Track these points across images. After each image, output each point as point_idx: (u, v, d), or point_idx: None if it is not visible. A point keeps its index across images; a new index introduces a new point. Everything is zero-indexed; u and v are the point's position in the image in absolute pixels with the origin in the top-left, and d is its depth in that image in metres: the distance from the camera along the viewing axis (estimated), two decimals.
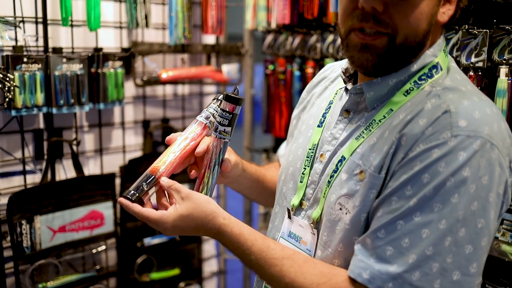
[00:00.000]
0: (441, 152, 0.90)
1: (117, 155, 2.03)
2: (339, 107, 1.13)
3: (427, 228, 0.89)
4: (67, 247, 1.81)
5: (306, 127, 1.21)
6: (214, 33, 2.08)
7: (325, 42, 1.92)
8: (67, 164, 1.86)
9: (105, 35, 1.92)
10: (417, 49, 1.00)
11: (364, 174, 0.99)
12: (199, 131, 1.13)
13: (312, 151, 1.14)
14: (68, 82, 1.74)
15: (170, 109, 2.19)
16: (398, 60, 1.00)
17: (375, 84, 1.03)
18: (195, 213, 1.04)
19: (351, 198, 1.00)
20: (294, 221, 1.15)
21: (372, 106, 1.04)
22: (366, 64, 1.00)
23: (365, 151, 1.01)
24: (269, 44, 2.18)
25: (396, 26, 0.95)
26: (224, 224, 1.04)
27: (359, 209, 0.99)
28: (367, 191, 0.98)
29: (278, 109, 2.14)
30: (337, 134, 1.10)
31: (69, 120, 1.86)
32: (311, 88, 1.32)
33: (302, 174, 1.14)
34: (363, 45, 0.98)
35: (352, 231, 1.00)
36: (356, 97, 1.08)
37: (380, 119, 1.02)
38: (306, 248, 1.11)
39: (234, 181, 1.28)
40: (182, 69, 2.08)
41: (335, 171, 1.05)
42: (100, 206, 1.88)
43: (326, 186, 1.06)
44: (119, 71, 1.87)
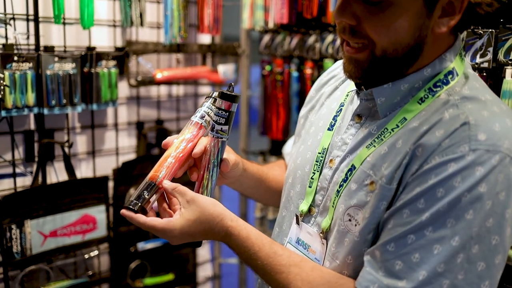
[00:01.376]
0: (458, 167, 0.87)
1: (110, 158, 1.98)
2: (350, 111, 1.09)
3: (439, 244, 0.86)
4: (59, 252, 1.76)
5: (315, 129, 1.17)
6: (210, 32, 2.03)
7: (324, 42, 1.88)
8: (58, 167, 1.80)
9: (98, 34, 1.86)
10: (406, 60, 0.96)
11: (375, 185, 0.95)
12: (195, 131, 1.10)
13: (322, 156, 1.10)
14: (60, 82, 1.68)
15: (164, 110, 2.14)
16: (386, 71, 0.97)
17: (386, 90, 0.99)
18: (202, 216, 1.00)
19: (361, 209, 0.97)
20: (303, 227, 1.11)
21: (384, 114, 1.00)
22: (352, 75, 0.99)
23: (376, 161, 0.97)
24: (266, 44, 2.14)
25: (371, 39, 0.93)
26: (232, 226, 1.01)
27: (369, 221, 0.95)
28: (377, 202, 0.94)
29: (275, 111, 2.10)
30: (348, 140, 1.06)
31: (61, 121, 1.80)
32: (319, 86, 1.27)
33: (311, 179, 1.11)
34: (350, 57, 0.98)
35: (361, 243, 0.97)
36: (367, 103, 1.04)
37: (392, 128, 0.98)
38: (315, 257, 1.08)
39: (235, 181, 1.24)
40: (177, 69, 2.04)
41: (345, 180, 1.02)
42: (92, 210, 1.83)
43: (335, 196, 1.03)
44: (112, 71, 1.82)
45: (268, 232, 2.23)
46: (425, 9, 0.91)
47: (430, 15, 0.92)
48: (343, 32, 0.96)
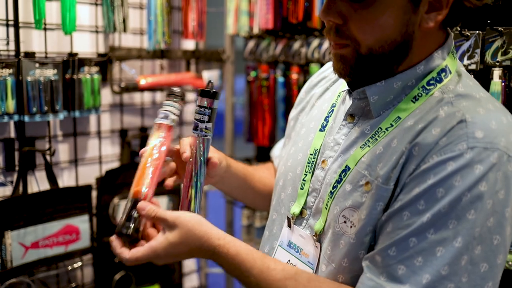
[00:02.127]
0: (457, 165, 0.85)
1: (93, 166, 1.93)
2: (342, 111, 1.07)
3: (442, 246, 0.84)
4: (40, 264, 1.70)
5: (306, 131, 1.15)
6: (194, 38, 2.01)
7: (310, 47, 1.87)
8: (40, 176, 1.75)
9: (80, 40, 1.82)
10: (395, 57, 0.95)
11: (371, 185, 0.93)
12: (165, 133, 1.06)
13: (314, 157, 1.08)
14: (41, 88, 1.64)
15: (148, 117, 2.11)
16: (375, 69, 0.96)
17: (379, 88, 0.98)
18: (187, 238, 0.97)
19: (356, 210, 0.94)
20: (295, 230, 1.09)
21: (377, 113, 0.99)
22: (341, 72, 0.98)
23: (371, 161, 0.95)
24: (251, 50, 2.12)
25: (355, 38, 0.92)
26: (219, 245, 0.97)
27: (365, 223, 0.93)
28: (373, 203, 0.92)
29: (261, 117, 2.08)
30: (340, 140, 1.04)
31: (42, 129, 1.76)
32: (310, 88, 1.26)
33: (302, 180, 1.08)
34: (336, 54, 0.97)
35: (357, 245, 0.94)
36: (360, 102, 1.02)
37: (387, 127, 0.96)
38: (308, 260, 1.05)
39: (219, 180, 1.21)
40: (161, 76, 2.00)
41: (338, 181, 1.00)
42: (75, 220, 1.78)
43: (328, 197, 1.00)
44: (95, 77, 1.78)
45: (255, 241, 2.21)
46: (411, 4, 0.90)
47: (416, 10, 0.91)
48: (328, 32, 0.96)
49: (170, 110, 1.08)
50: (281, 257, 1.11)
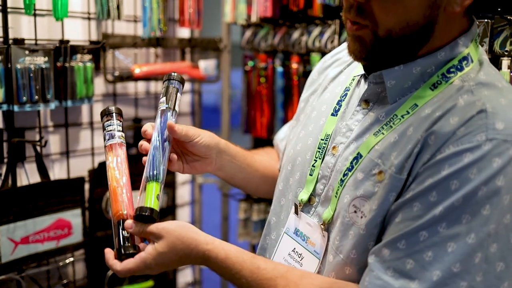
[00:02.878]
0: (474, 157, 0.80)
1: (85, 158, 1.87)
2: (357, 96, 1.03)
3: (454, 242, 0.80)
4: (31, 260, 1.64)
5: (317, 114, 1.10)
6: (191, 26, 1.94)
7: (311, 35, 1.81)
8: (30, 168, 1.68)
9: (71, 26, 1.75)
10: (416, 41, 0.91)
11: (384, 174, 0.89)
12: (117, 151, 1.08)
13: (325, 142, 1.03)
14: (31, 76, 1.56)
15: (142, 108, 2.04)
16: (394, 52, 0.92)
17: (397, 72, 0.93)
18: (175, 247, 0.97)
19: (368, 200, 0.90)
20: (302, 218, 1.05)
21: (393, 99, 0.94)
22: (356, 54, 0.94)
23: (385, 149, 0.90)
24: (248, 39, 2.06)
25: (375, 18, 0.88)
26: (208, 249, 0.97)
27: (376, 213, 0.88)
28: (386, 193, 0.88)
29: (259, 108, 2.02)
30: (353, 126, 1.00)
31: (32, 119, 1.68)
32: (323, 69, 1.21)
33: (312, 166, 1.04)
34: (353, 35, 0.93)
35: (367, 236, 0.90)
36: (376, 87, 0.98)
37: (402, 114, 0.92)
38: (314, 249, 1.01)
39: (218, 166, 1.17)
40: (157, 65, 1.94)
41: (350, 169, 0.95)
42: (67, 214, 1.71)
43: (339, 185, 0.96)
44: (88, 65, 1.71)
45: (253, 234, 2.16)
46: None
47: None
48: (349, 11, 0.91)
49: (112, 129, 1.10)
50: (287, 245, 1.07)
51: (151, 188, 1.01)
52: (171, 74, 1.14)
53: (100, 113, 1.15)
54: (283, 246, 1.07)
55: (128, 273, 0.97)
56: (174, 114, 1.10)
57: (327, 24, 1.75)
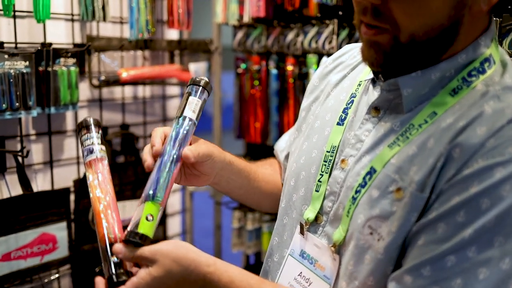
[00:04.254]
0: (506, 172, 0.73)
1: (70, 168, 1.76)
2: (365, 103, 0.94)
3: (486, 268, 0.72)
4: (13, 278, 1.53)
5: (321, 124, 1.02)
6: (180, 27, 1.85)
7: (307, 36, 1.73)
8: (11, 180, 1.58)
9: (54, 28, 1.65)
10: (439, 45, 0.82)
11: (403, 192, 0.80)
12: (99, 168, 0.98)
13: (331, 155, 0.95)
14: (11, 82, 1.46)
15: (129, 113, 1.94)
16: (414, 58, 0.83)
17: (414, 79, 0.85)
18: (171, 270, 0.86)
19: (385, 221, 0.82)
20: (309, 238, 0.96)
21: (409, 108, 0.86)
22: (372, 61, 0.85)
23: (403, 164, 0.82)
24: (240, 40, 1.98)
25: (396, 21, 0.79)
26: (210, 272, 0.87)
27: (396, 236, 0.80)
28: (407, 214, 0.79)
29: (253, 112, 1.94)
30: (363, 136, 0.91)
31: (13, 127, 1.58)
32: (324, 74, 1.12)
33: (318, 181, 0.95)
34: (369, 41, 0.84)
35: (386, 262, 0.81)
36: (388, 94, 0.89)
37: (420, 123, 0.83)
38: (324, 274, 0.92)
39: (219, 179, 1.08)
40: (145, 68, 1.84)
41: (362, 185, 0.86)
42: (52, 227, 1.61)
43: (351, 203, 0.87)
44: (72, 70, 1.61)
45: (247, 244, 2.08)
46: None
47: None
48: (364, 14, 0.82)
49: (91, 143, 1.00)
50: (292, 268, 0.98)
51: (148, 210, 0.92)
52: (192, 78, 1.03)
53: (76, 126, 1.05)
54: (288, 269, 0.98)
55: None
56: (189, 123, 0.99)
57: (324, 24, 1.67)
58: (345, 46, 1.15)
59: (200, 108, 1.01)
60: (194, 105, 1.00)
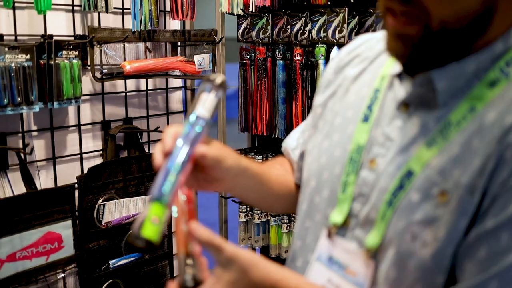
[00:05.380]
0: None
1: (73, 164, 1.72)
2: (391, 98, 0.89)
3: None
4: (19, 278, 1.49)
5: (343, 121, 0.96)
6: (184, 17, 1.79)
7: (315, 25, 1.69)
8: (13, 177, 1.53)
9: (54, 20, 1.59)
10: (471, 33, 0.77)
11: (448, 195, 0.75)
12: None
13: (358, 154, 0.90)
14: (12, 76, 1.41)
15: (133, 107, 1.89)
16: (445, 48, 0.78)
17: (449, 72, 0.79)
18: (248, 275, 0.80)
19: (429, 226, 0.76)
20: (337, 243, 0.90)
21: (443, 103, 0.81)
22: (399, 53, 0.80)
23: (446, 165, 0.76)
24: (245, 30, 1.93)
25: (426, 7, 0.74)
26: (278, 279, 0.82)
27: (445, 243, 0.74)
28: (455, 219, 0.74)
29: (258, 104, 1.89)
30: (393, 134, 0.86)
31: (15, 123, 1.53)
32: (339, 68, 1.06)
33: (344, 183, 0.90)
34: (395, 32, 0.79)
35: (434, 270, 0.76)
36: (419, 89, 0.84)
37: (458, 120, 0.78)
38: (356, 280, 0.87)
39: (231, 185, 1.02)
40: (148, 60, 1.79)
41: (400, 187, 0.81)
42: (57, 226, 1.56)
43: (387, 207, 0.82)
44: (74, 62, 1.56)
45: (255, 238, 2.04)
46: None
47: None
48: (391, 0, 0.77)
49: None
50: (320, 274, 0.93)
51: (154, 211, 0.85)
52: (207, 75, 0.96)
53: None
54: (314, 275, 0.93)
55: None
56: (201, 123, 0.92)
57: (334, 13, 1.62)
58: (359, 37, 1.09)
59: (214, 107, 0.96)
60: (208, 103, 0.95)
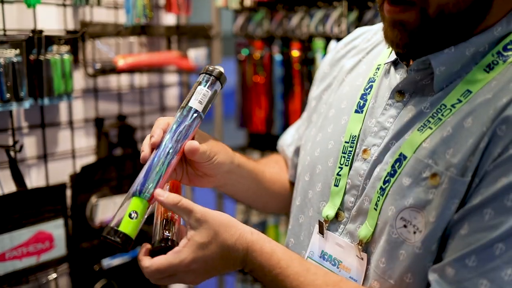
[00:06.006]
0: None
1: (66, 162, 1.68)
2: (386, 87, 0.87)
3: None
4: (8, 279, 1.45)
5: (336, 112, 0.94)
6: (180, 11, 1.75)
7: (313, 19, 1.65)
8: (3, 176, 1.49)
9: (45, 14, 1.55)
10: (470, 19, 0.75)
11: (440, 177, 0.74)
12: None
13: (351, 145, 0.87)
14: (1, 72, 1.37)
15: (126, 103, 1.85)
16: (443, 34, 0.76)
17: (448, 56, 0.78)
18: (219, 237, 0.78)
19: (421, 211, 0.75)
20: (329, 238, 0.88)
21: (440, 87, 0.79)
22: (397, 42, 0.79)
23: (437, 147, 0.75)
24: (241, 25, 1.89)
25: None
26: (252, 241, 0.80)
27: (435, 226, 0.73)
28: (446, 201, 0.72)
29: (256, 100, 1.85)
30: (387, 123, 0.84)
31: (4, 120, 1.49)
32: (335, 60, 1.04)
33: (337, 175, 0.88)
34: (392, 20, 0.78)
35: (425, 256, 0.75)
36: (416, 75, 0.82)
37: (453, 103, 0.77)
38: (350, 276, 0.85)
39: (224, 182, 0.99)
40: (142, 55, 1.75)
41: (392, 174, 0.79)
42: (48, 225, 1.53)
43: (379, 195, 0.80)
44: (66, 58, 1.51)
45: None
46: None
47: None
48: None
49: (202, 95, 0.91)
50: None
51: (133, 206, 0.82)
52: (205, 67, 0.94)
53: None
54: None
55: (156, 273, 0.79)
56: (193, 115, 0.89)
57: (332, 6, 1.58)
58: (356, 30, 1.08)
59: (209, 100, 0.92)
60: (202, 96, 0.91)
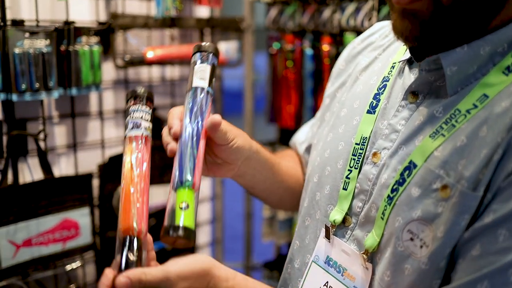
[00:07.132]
0: None
1: (94, 151, 1.70)
2: (400, 87, 0.82)
3: None
4: (35, 264, 1.49)
5: (349, 112, 0.90)
6: (210, 4, 1.74)
7: (344, 13, 1.60)
8: (32, 163, 1.53)
9: (77, 6, 1.58)
10: (486, 9, 0.69)
11: (450, 190, 0.68)
12: (140, 147, 0.85)
13: (362, 148, 0.83)
14: (31, 62, 1.40)
15: (157, 95, 1.86)
16: (457, 27, 0.70)
17: (460, 55, 0.72)
18: None
19: (429, 224, 0.70)
20: (335, 243, 0.84)
21: (454, 90, 0.73)
22: (407, 34, 0.73)
23: (449, 157, 0.70)
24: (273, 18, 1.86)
25: None
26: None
27: (443, 242, 0.68)
28: (455, 216, 0.67)
29: (286, 95, 1.82)
30: (399, 126, 0.79)
31: (35, 109, 1.52)
32: (351, 56, 0.99)
33: (346, 178, 0.84)
34: (401, 10, 0.72)
35: (432, 272, 0.70)
36: (428, 75, 0.77)
37: (468, 109, 0.71)
38: (354, 285, 0.80)
39: (243, 171, 0.97)
40: (172, 47, 1.75)
41: (400, 182, 0.74)
42: (74, 213, 1.55)
43: (386, 204, 0.75)
44: (95, 49, 1.53)
45: (278, 234, 1.98)
46: None
47: None
48: None
49: (140, 116, 0.87)
50: (317, 278, 0.87)
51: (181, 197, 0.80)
52: (195, 45, 0.93)
53: (126, 95, 0.92)
54: (311, 278, 0.87)
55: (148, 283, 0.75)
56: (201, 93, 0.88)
57: (363, 0, 1.53)
58: (375, 24, 1.02)
59: (210, 73, 0.90)
60: (201, 73, 0.89)
